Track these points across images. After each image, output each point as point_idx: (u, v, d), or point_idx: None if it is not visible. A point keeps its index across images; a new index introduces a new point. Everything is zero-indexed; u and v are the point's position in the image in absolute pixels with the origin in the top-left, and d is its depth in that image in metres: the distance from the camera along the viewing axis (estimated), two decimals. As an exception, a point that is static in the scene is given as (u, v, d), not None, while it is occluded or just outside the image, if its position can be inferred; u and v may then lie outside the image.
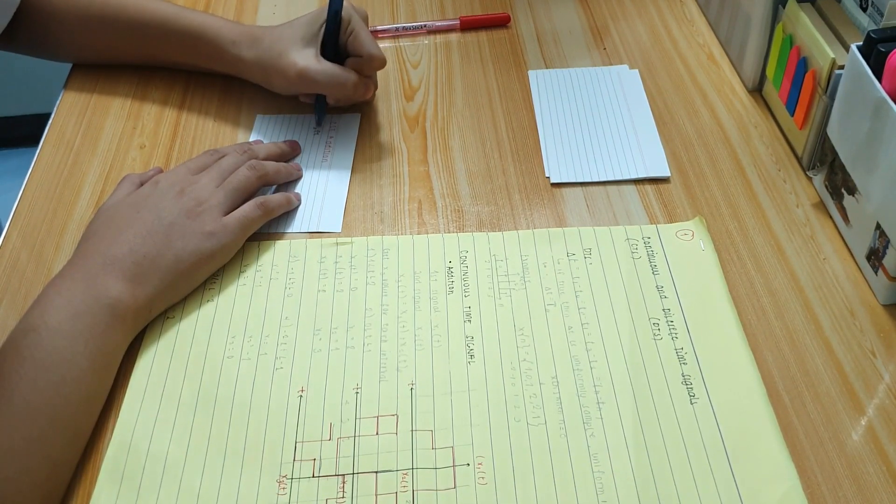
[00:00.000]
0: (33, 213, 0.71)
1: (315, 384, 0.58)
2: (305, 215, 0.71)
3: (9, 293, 0.64)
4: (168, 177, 0.66)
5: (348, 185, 0.73)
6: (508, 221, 0.70)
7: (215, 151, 0.70)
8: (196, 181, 0.66)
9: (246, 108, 0.80)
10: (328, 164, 0.75)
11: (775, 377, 0.58)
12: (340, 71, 0.73)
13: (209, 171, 0.67)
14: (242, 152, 0.70)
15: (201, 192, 0.65)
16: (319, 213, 0.71)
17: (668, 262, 0.65)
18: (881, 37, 0.60)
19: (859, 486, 0.53)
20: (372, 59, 0.73)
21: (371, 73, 0.76)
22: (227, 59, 0.76)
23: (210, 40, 0.76)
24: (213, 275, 0.65)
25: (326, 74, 0.72)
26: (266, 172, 0.69)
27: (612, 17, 0.93)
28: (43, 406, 0.52)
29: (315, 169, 0.75)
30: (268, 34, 0.75)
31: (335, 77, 0.73)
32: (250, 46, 0.75)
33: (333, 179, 0.74)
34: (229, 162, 0.69)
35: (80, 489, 0.53)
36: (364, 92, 0.75)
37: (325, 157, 0.76)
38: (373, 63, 0.74)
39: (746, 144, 0.76)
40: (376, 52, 0.73)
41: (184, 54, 0.79)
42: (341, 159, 0.75)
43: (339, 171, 0.74)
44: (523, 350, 0.60)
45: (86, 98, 0.82)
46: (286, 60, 0.73)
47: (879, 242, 0.62)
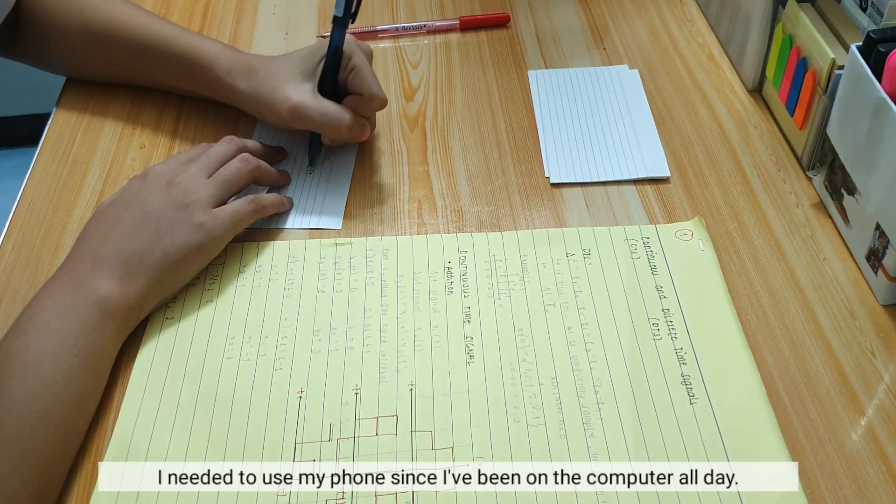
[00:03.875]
0: (33, 214, 0.71)
1: (314, 385, 0.58)
2: (306, 212, 0.70)
3: (7, 294, 0.64)
4: (157, 169, 0.65)
5: (350, 184, 0.73)
6: (508, 222, 0.70)
7: (205, 145, 0.69)
8: (184, 171, 0.65)
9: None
10: (330, 162, 0.75)
11: (775, 377, 0.58)
12: (336, 109, 0.69)
13: (197, 161, 0.66)
14: (230, 142, 0.69)
15: (190, 183, 0.64)
16: (320, 211, 0.71)
17: (667, 262, 0.65)
18: (881, 37, 0.60)
19: (859, 486, 0.52)
20: (372, 98, 0.70)
21: (369, 113, 0.72)
22: (221, 89, 0.74)
23: (205, 68, 0.73)
24: (213, 275, 0.65)
25: (320, 112, 0.69)
26: (258, 166, 0.68)
27: (612, 17, 0.93)
28: (34, 405, 0.52)
29: (317, 167, 0.74)
30: (264, 66, 0.72)
31: (329, 116, 0.69)
32: (245, 77, 0.72)
33: (335, 177, 0.73)
34: (218, 152, 0.67)
35: (79, 489, 0.53)
36: (360, 133, 0.71)
37: (328, 156, 0.76)
38: (372, 103, 0.70)
39: (746, 144, 0.76)
40: (377, 91, 0.70)
41: (179, 79, 0.77)
42: (344, 158, 0.75)
43: (340, 169, 0.74)
44: (523, 350, 0.60)
45: (85, 98, 0.82)
46: (280, 95, 0.70)
47: (879, 243, 0.62)
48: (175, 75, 0.76)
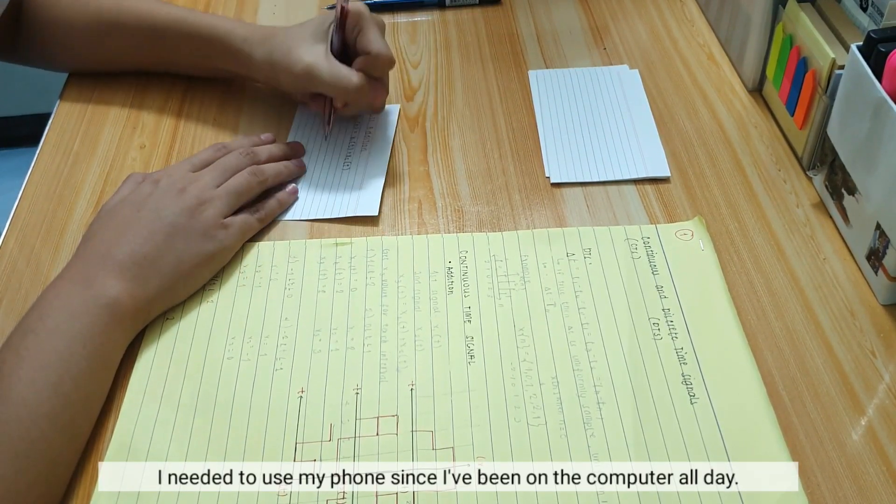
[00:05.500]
0: (33, 214, 0.71)
1: (315, 385, 0.58)
2: (342, 201, 0.71)
3: (8, 293, 0.64)
4: (169, 174, 0.66)
5: (386, 171, 0.74)
6: (508, 221, 0.70)
7: (222, 146, 0.70)
8: (197, 179, 0.66)
9: (247, 107, 0.80)
10: (367, 153, 0.76)
11: (775, 377, 0.58)
12: (346, 70, 0.70)
13: (210, 169, 0.67)
14: (245, 154, 0.70)
15: (203, 191, 0.65)
16: (357, 199, 0.71)
17: (667, 262, 0.65)
18: (881, 37, 0.60)
19: (859, 486, 0.52)
20: (378, 56, 0.70)
21: (380, 73, 0.73)
22: (239, 58, 0.75)
23: (222, 40, 0.75)
24: (213, 275, 0.65)
25: (332, 72, 0.70)
26: (266, 179, 0.70)
27: (612, 17, 0.93)
28: (42, 406, 0.52)
29: (354, 156, 0.75)
30: (279, 32, 0.74)
31: (339, 76, 0.70)
32: (261, 44, 0.74)
33: (371, 166, 0.74)
34: (231, 162, 0.68)
35: (80, 489, 0.53)
36: (372, 96, 0.73)
37: (364, 146, 0.76)
38: (379, 61, 0.71)
39: (746, 144, 0.76)
40: (384, 49, 0.70)
41: (196, 55, 0.78)
42: (379, 147, 0.76)
43: (377, 158, 0.75)
44: (523, 350, 0.60)
45: (86, 98, 0.82)
46: (294, 56, 0.71)
47: (879, 242, 0.62)
48: (192, 52, 0.78)
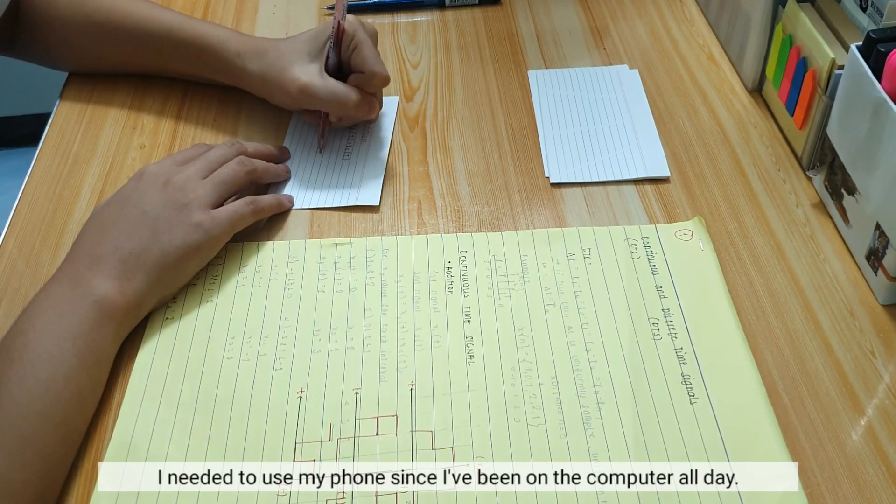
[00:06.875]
0: (33, 214, 0.71)
1: (314, 385, 0.58)
2: (343, 190, 0.72)
3: (8, 293, 0.64)
4: (152, 168, 0.65)
5: (386, 163, 0.74)
6: (508, 221, 0.70)
7: (203, 145, 0.70)
8: (181, 171, 0.65)
9: (247, 108, 0.80)
10: (367, 144, 0.76)
11: (775, 377, 0.58)
12: (343, 88, 0.71)
13: (195, 162, 0.67)
14: (232, 146, 0.70)
15: (187, 182, 0.64)
16: (358, 189, 0.72)
17: (667, 262, 0.65)
18: (881, 37, 0.60)
19: (859, 486, 0.52)
20: (373, 76, 0.71)
21: (373, 90, 0.73)
22: (231, 71, 0.75)
23: (215, 51, 0.75)
24: (213, 275, 0.65)
25: (328, 91, 0.70)
26: (255, 168, 0.69)
27: (612, 17, 0.93)
28: (34, 405, 0.52)
29: (353, 147, 0.76)
30: (273, 48, 0.73)
31: (336, 94, 0.70)
32: (255, 59, 0.73)
33: (371, 157, 0.75)
34: (216, 154, 0.68)
35: (79, 489, 0.53)
36: (367, 111, 0.73)
37: (364, 138, 0.77)
38: (373, 80, 0.71)
39: (746, 144, 0.76)
40: (379, 69, 0.71)
41: (188, 64, 0.78)
42: (379, 140, 0.77)
43: (377, 149, 0.76)
44: (523, 350, 0.60)
45: (86, 98, 0.82)
46: (288, 75, 0.71)
47: (879, 242, 0.62)
48: (184, 61, 0.78)
